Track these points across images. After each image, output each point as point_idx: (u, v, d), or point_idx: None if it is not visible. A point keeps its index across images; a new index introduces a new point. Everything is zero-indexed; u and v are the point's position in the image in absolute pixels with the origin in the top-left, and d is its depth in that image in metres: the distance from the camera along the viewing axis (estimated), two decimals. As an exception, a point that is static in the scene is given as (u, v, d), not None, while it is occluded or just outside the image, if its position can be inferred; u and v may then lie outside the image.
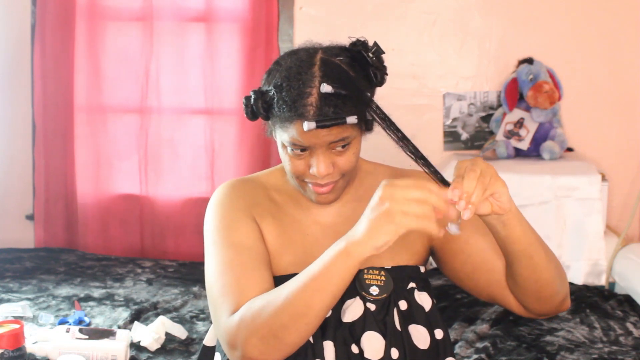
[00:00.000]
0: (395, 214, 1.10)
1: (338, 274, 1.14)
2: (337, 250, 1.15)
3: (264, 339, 1.17)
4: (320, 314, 1.17)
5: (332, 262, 1.15)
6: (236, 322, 1.20)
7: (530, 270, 1.24)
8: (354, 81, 1.23)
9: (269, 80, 1.28)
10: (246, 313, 1.20)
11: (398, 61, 3.31)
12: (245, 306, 1.21)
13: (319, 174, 1.26)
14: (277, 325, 1.17)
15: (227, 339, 1.22)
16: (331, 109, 1.20)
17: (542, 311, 1.32)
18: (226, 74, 3.38)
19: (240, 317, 1.20)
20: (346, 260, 1.14)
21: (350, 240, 1.14)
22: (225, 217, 1.33)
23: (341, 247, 1.14)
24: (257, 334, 1.18)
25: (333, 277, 1.15)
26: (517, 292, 1.31)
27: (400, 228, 1.10)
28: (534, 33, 3.33)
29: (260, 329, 1.18)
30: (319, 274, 1.15)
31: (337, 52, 1.27)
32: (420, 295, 1.34)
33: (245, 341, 1.18)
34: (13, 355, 1.97)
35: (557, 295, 1.29)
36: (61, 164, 3.44)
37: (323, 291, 1.15)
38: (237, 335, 1.19)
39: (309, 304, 1.16)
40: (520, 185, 2.94)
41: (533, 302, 1.30)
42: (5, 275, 2.98)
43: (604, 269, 2.92)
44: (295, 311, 1.16)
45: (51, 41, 3.37)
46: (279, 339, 1.17)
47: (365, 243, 1.12)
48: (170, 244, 3.45)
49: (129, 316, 2.52)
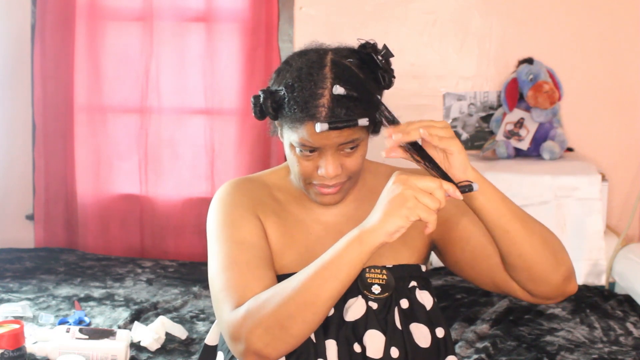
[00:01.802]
0: (409, 198, 1.12)
1: (349, 261, 1.15)
2: (350, 238, 1.16)
3: (269, 329, 1.17)
4: (328, 303, 1.18)
5: (344, 249, 1.16)
6: (242, 314, 1.20)
7: (508, 244, 1.22)
8: (364, 83, 1.24)
9: (278, 80, 1.28)
10: (252, 304, 1.20)
11: (398, 61, 3.26)
12: (252, 299, 1.21)
13: (327, 175, 1.26)
14: (284, 315, 1.17)
15: (230, 331, 1.22)
16: (343, 111, 1.20)
17: (544, 293, 1.28)
18: (226, 74, 3.38)
19: (247, 309, 1.20)
20: (358, 247, 1.15)
21: (363, 229, 1.15)
22: (229, 214, 1.33)
23: (354, 235, 1.16)
24: (263, 325, 1.18)
25: (344, 265, 1.16)
26: (510, 272, 1.28)
27: (412, 214, 1.12)
28: (534, 33, 3.33)
29: (266, 319, 1.18)
30: (330, 262, 1.16)
31: (346, 54, 1.28)
32: (422, 293, 1.34)
33: (250, 332, 1.18)
34: (13, 355, 1.97)
35: (553, 274, 1.24)
36: (61, 164, 3.44)
37: (334, 279, 1.16)
38: (242, 326, 1.19)
39: (318, 293, 1.16)
40: (520, 185, 2.94)
41: (528, 281, 1.26)
42: (5, 275, 2.98)
43: (604, 269, 2.93)
44: (304, 300, 1.16)
45: (51, 41, 3.37)
46: (284, 330, 1.17)
47: (378, 229, 1.14)
48: (171, 244, 3.45)
49: (129, 316, 2.52)
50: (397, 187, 1.14)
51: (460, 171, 1.17)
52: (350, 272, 1.16)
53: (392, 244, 1.21)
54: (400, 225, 1.13)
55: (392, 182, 1.15)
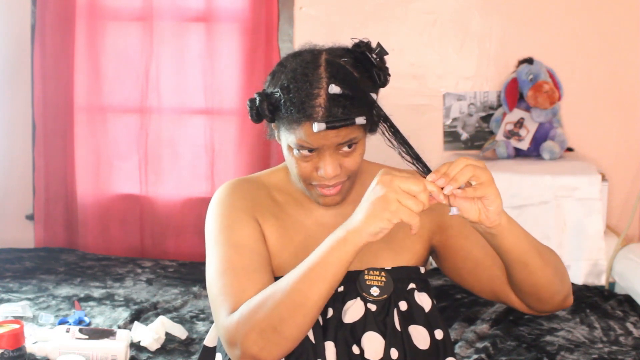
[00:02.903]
0: (392, 201, 1.12)
1: (335, 262, 1.15)
2: (334, 239, 1.16)
3: (263, 333, 1.18)
4: (318, 304, 1.18)
5: (329, 250, 1.16)
6: (235, 320, 1.21)
7: (525, 275, 1.25)
8: (360, 82, 1.24)
9: (273, 83, 1.28)
10: (244, 309, 1.20)
11: (398, 61, 3.31)
12: (245, 304, 1.21)
13: (327, 176, 1.26)
14: (275, 318, 1.17)
15: (227, 337, 1.22)
16: (340, 110, 1.20)
17: (544, 309, 1.33)
18: (226, 74, 3.38)
19: (240, 314, 1.20)
20: (343, 247, 1.15)
21: (346, 229, 1.15)
22: (226, 217, 1.33)
23: (338, 236, 1.16)
24: (256, 329, 1.18)
25: (330, 266, 1.16)
26: (517, 292, 1.32)
27: (394, 217, 1.12)
28: (534, 33, 3.33)
29: (259, 324, 1.18)
30: (315, 264, 1.16)
31: (341, 53, 1.28)
32: (420, 295, 1.34)
33: (245, 337, 1.19)
34: (13, 355, 1.97)
35: (558, 295, 1.29)
36: (61, 164, 3.44)
37: (321, 280, 1.16)
38: (237, 332, 1.20)
39: (306, 295, 1.16)
40: (520, 185, 2.94)
41: (534, 301, 1.31)
42: (5, 275, 2.98)
43: (604, 269, 2.92)
44: (293, 302, 1.16)
45: (51, 41, 3.37)
46: (278, 333, 1.18)
47: (361, 230, 1.14)
48: (170, 244, 3.45)
49: (129, 316, 2.52)
50: (380, 189, 1.13)
51: (495, 214, 1.16)
52: (336, 273, 1.16)
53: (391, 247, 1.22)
54: (383, 227, 1.13)
55: (375, 183, 1.15)
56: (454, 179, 1.13)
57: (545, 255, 1.26)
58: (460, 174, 1.13)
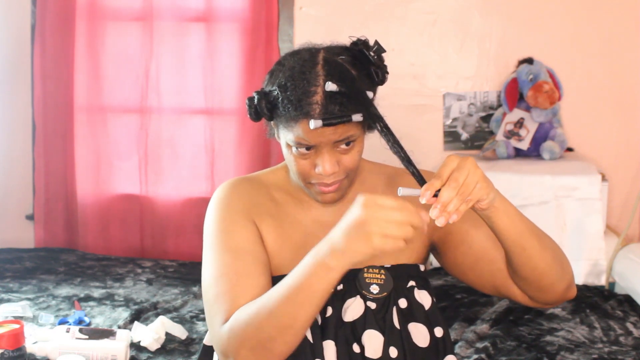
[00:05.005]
0: (374, 236, 1.09)
1: (320, 287, 1.15)
2: (317, 263, 1.14)
3: (253, 349, 1.18)
4: (306, 324, 1.18)
5: (313, 276, 1.14)
6: (226, 333, 1.21)
7: (524, 259, 1.24)
8: (357, 80, 1.24)
9: (272, 81, 1.29)
10: (234, 324, 1.20)
11: (398, 61, 3.31)
12: (234, 317, 1.21)
13: (324, 173, 1.26)
14: (264, 337, 1.17)
15: (220, 348, 1.23)
16: (337, 107, 1.21)
17: (547, 300, 1.32)
18: (226, 74, 3.38)
19: (229, 328, 1.21)
20: (328, 274, 1.14)
21: (329, 254, 1.13)
22: (224, 219, 1.33)
23: (321, 259, 1.13)
24: (247, 346, 1.19)
25: (316, 291, 1.15)
26: (518, 281, 1.31)
27: (376, 250, 1.10)
28: (534, 33, 3.33)
29: (248, 341, 1.18)
30: (301, 288, 1.15)
31: (338, 52, 1.28)
32: (420, 293, 1.34)
33: (236, 352, 1.20)
34: (13, 355, 1.97)
35: (559, 283, 1.28)
36: (61, 164, 3.45)
37: (308, 304, 1.16)
38: (229, 345, 1.20)
39: (294, 317, 1.16)
40: (520, 185, 2.94)
41: (534, 290, 1.30)
42: (5, 275, 2.98)
43: (604, 269, 2.92)
44: (281, 324, 1.17)
45: (51, 41, 3.37)
46: (267, 350, 1.18)
47: (343, 258, 1.12)
48: (170, 244, 3.45)
49: (129, 316, 2.52)
50: (362, 225, 1.10)
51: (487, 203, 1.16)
52: (323, 296, 1.16)
53: None
54: (365, 259, 1.11)
55: (357, 215, 1.10)
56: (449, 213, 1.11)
57: (544, 239, 1.26)
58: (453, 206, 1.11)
